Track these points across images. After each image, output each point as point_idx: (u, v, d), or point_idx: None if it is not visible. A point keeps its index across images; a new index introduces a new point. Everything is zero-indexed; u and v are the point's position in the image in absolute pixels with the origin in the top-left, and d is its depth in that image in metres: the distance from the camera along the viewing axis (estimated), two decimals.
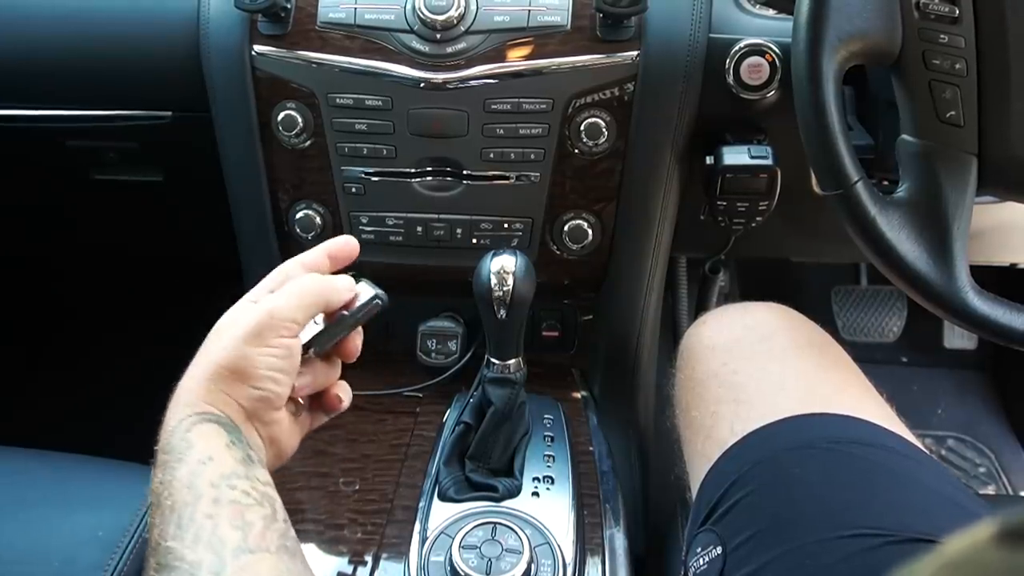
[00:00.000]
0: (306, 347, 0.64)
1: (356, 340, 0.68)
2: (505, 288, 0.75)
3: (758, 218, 0.96)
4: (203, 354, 0.61)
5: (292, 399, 0.64)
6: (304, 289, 0.63)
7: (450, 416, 0.90)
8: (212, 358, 0.60)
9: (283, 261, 1.01)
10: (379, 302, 0.67)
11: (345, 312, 0.66)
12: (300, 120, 0.92)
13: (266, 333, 0.60)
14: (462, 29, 0.88)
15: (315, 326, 0.65)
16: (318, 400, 0.69)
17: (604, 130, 0.90)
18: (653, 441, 1.13)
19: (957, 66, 0.71)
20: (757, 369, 0.82)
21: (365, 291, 0.67)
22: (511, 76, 0.89)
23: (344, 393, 0.68)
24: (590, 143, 0.91)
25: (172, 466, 0.54)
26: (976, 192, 0.73)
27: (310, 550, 0.79)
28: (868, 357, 0.95)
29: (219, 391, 0.59)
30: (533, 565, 0.69)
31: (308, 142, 0.94)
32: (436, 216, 0.96)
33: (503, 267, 0.76)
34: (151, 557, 0.51)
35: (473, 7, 0.88)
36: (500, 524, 0.72)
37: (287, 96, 0.92)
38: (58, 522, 0.80)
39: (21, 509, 0.82)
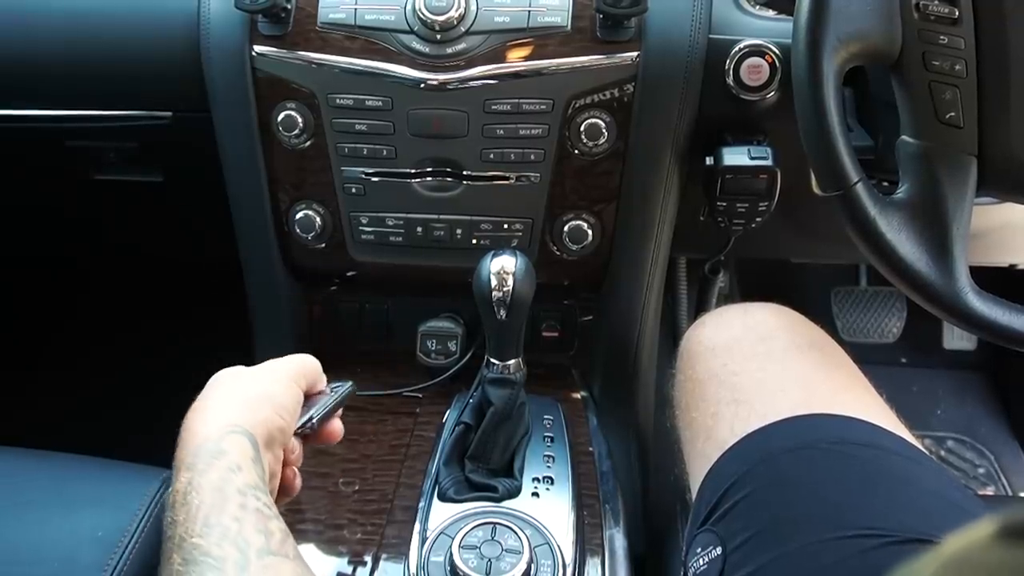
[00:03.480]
0: (309, 420, 0.69)
1: (338, 423, 0.73)
2: (505, 289, 0.75)
3: (758, 219, 0.96)
4: (229, 386, 0.64)
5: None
6: (310, 360, 0.71)
7: (450, 416, 0.90)
8: (244, 387, 0.64)
9: (283, 261, 1.03)
10: (353, 388, 0.75)
11: (327, 392, 0.73)
12: (300, 120, 0.92)
13: (292, 378, 0.67)
14: (462, 30, 0.88)
15: (308, 409, 0.70)
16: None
17: (604, 131, 0.90)
18: (653, 441, 1.13)
19: (957, 67, 0.71)
20: (757, 370, 0.82)
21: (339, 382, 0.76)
22: (511, 77, 0.89)
23: (298, 479, 0.72)
24: (590, 144, 0.91)
25: (201, 469, 0.55)
26: (976, 193, 0.73)
27: (310, 550, 0.79)
28: (868, 358, 0.95)
29: (250, 412, 0.61)
30: (533, 565, 0.69)
31: (308, 142, 0.94)
32: (436, 216, 0.96)
33: (503, 268, 0.76)
34: (175, 553, 0.52)
35: (473, 8, 0.88)
36: (500, 524, 0.72)
37: (287, 96, 0.92)
38: (58, 522, 0.80)
39: (21, 509, 0.81)
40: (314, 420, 0.68)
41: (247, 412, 0.61)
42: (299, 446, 0.68)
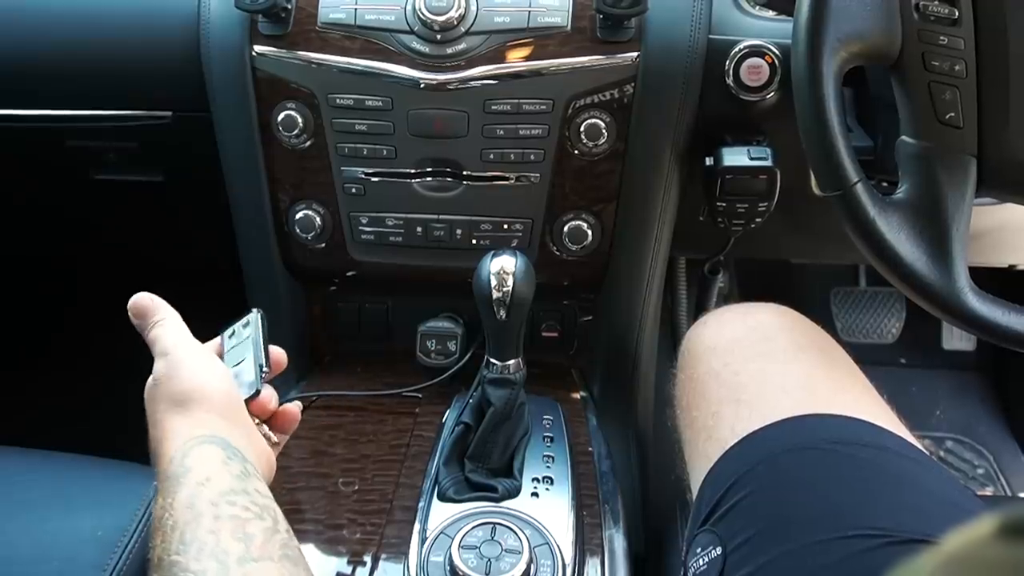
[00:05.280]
0: (260, 368, 0.69)
1: (277, 351, 0.73)
2: (505, 289, 0.75)
3: (757, 219, 0.96)
4: (162, 400, 0.63)
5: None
6: (146, 302, 0.72)
7: (449, 416, 0.90)
8: (173, 394, 0.63)
9: (283, 261, 1.02)
10: (261, 312, 0.74)
11: (241, 330, 0.73)
12: (300, 120, 0.92)
13: (181, 345, 0.66)
14: (462, 30, 0.88)
15: (248, 372, 0.70)
16: (276, 423, 0.72)
17: (604, 131, 0.90)
18: (653, 441, 1.13)
19: (956, 68, 0.72)
20: (758, 370, 0.82)
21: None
22: (511, 77, 0.89)
23: (295, 406, 0.72)
24: (590, 144, 0.91)
25: (172, 490, 0.55)
26: (975, 193, 0.73)
27: (309, 550, 0.79)
28: (867, 358, 0.95)
29: (197, 410, 0.61)
30: (532, 565, 0.69)
31: (308, 142, 0.94)
32: (436, 217, 0.96)
33: (503, 268, 0.76)
34: (154, 573, 0.52)
35: (473, 8, 0.88)
36: (499, 524, 0.72)
37: (287, 96, 0.92)
38: (58, 522, 0.80)
39: (21, 509, 0.81)
40: (263, 366, 0.69)
41: (196, 414, 0.61)
42: (271, 390, 0.69)
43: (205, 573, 0.50)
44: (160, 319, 0.68)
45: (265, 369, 0.69)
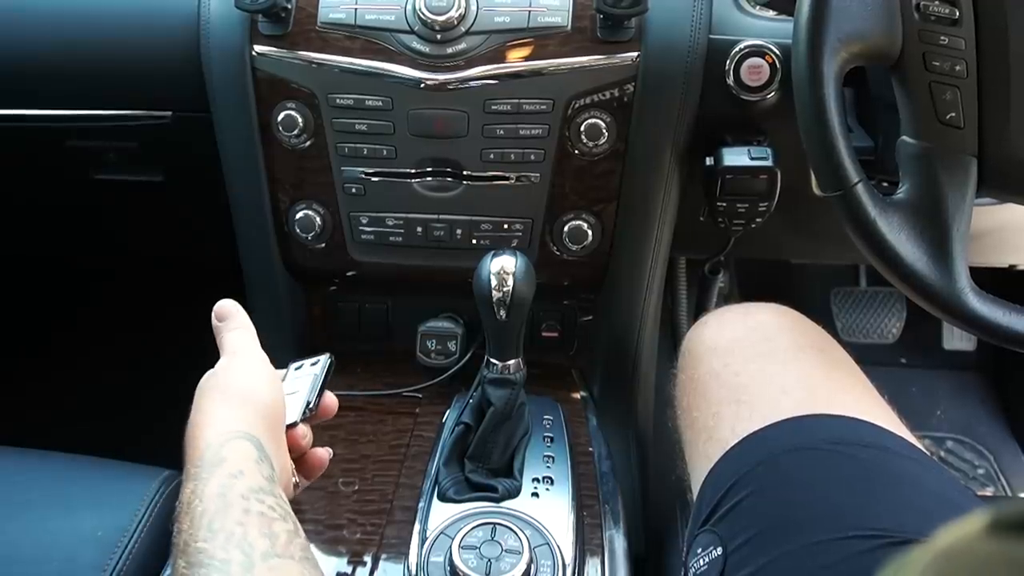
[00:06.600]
0: (307, 406, 0.70)
1: (330, 396, 0.73)
2: (505, 289, 0.75)
3: (758, 219, 0.96)
4: (215, 391, 0.64)
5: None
6: (231, 310, 0.72)
7: (449, 417, 0.90)
8: (228, 387, 0.64)
9: (283, 261, 1.02)
10: (332, 359, 0.75)
11: (307, 369, 0.74)
12: (300, 120, 0.92)
13: (244, 355, 0.68)
14: (462, 30, 0.88)
15: (300, 397, 0.71)
16: (303, 465, 0.72)
17: (604, 131, 0.90)
18: (653, 442, 1.13)
19: (957, 68, 0.72)
20: (759, 370, 0.82)
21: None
22: (511, 77, 0.89)
23: (325, 452, 0.73)
24: (590, 144, 0.91)
25: (204, 478, 0.56)
26: (976, 194, 0.73)
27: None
28: (867, 358, 0.94)
29: (243, 411, 0.62)
30: (533, 566, 0.69)
31: (308, 142, 0.94)
32: (436, 217, 0.96)
33: (503, 268, 0.76)
34: (180, 558, 0.52)
35: (473, 8, 0.88)
36: (500, 525, 0.72)
37: (287, 96, 0.92)
38: (58, 522, 0.80)
39: (21, 509, 0.82)
40: (311, 404, 0.70)
41: (241, 412, 0.61)
42: (308, 430, 0.69)
43: (230, 563, 0.50)
44: (238, 326, 0.70)
45: (311, 408, 0.70)
